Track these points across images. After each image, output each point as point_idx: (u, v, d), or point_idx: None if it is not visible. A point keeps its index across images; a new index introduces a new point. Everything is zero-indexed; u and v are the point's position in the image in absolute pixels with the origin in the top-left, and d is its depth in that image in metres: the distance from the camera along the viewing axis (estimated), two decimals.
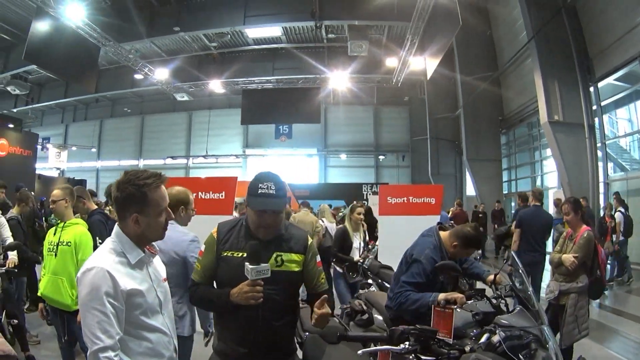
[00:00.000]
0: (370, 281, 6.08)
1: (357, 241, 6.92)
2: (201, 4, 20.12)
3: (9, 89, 24.57)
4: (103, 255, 2.21)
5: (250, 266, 2.45)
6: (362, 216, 7.03)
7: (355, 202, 7.64)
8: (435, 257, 3.79)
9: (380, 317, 4.21)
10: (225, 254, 2.70)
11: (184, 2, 20.06)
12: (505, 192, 20.64)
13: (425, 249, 3.88)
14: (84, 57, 18.73)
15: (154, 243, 2.44)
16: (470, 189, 21.72)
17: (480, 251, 11.97)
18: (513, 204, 15.31)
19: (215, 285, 2.81)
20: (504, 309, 3.54)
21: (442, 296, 3.36)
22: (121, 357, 2.10)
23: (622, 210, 10.45)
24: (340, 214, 15.26)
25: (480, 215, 17.01)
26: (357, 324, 4.11)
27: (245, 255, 2.57)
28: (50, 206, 4.57)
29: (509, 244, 12.01)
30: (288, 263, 2.69)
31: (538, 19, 13.50)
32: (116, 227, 2.32)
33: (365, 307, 4.40)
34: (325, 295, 2.60)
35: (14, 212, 7.31)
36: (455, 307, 3.27)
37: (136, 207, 2.23)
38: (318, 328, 2.67)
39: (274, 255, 2.66)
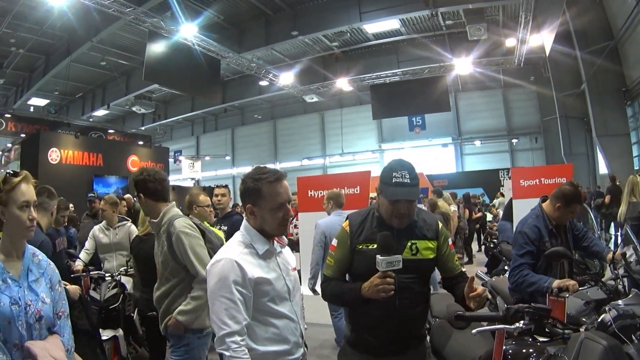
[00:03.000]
0: None
1: None
2: (315, 6, 20.97)
3: (134, 109, 27.14)
4: (231, 248, 2.46)
5: (381, 257, 2.46)
6: None
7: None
8: (537, 225, 4.04)
9: (505, 305, 4.13)
10: (360, 247, 2.74)
11: (297, 7, 21.19)
12: (636, 167, 19.40)
13: (527, 219, 4.18)
14: (205, 71, 20.00)
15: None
16: (603, 167, 21.21)
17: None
18: None
19: (348, 279, 2.88)
20: (622, 290, 3.65)
21: (555, 284, 3.50)
22: (247, 342, 2.30)
23: None
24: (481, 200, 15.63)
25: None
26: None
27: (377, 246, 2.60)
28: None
29: (607, 212, 12.37)
30: (423, 250, 2.73)
31: None
32: (244, 221, 2.57)
33: (490, 296, 4.89)
34: (473, 276, 2.58)
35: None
36: (568, 295, 3.40)
37: (251, 199, 2.48)
38: (475, 307, 2.56)
39: (409, 244, 2.71)
